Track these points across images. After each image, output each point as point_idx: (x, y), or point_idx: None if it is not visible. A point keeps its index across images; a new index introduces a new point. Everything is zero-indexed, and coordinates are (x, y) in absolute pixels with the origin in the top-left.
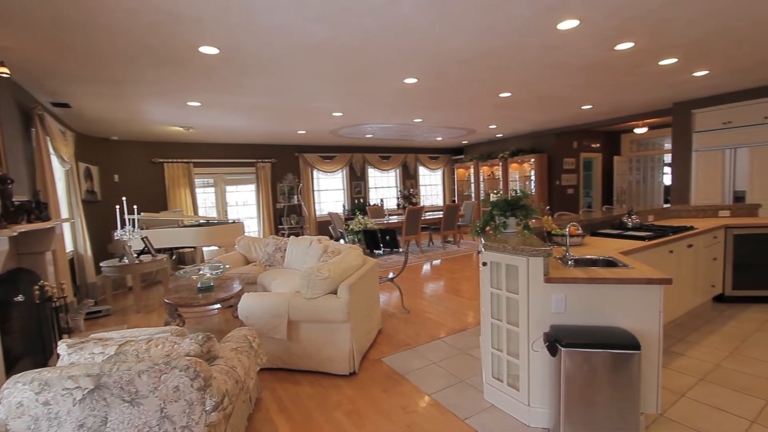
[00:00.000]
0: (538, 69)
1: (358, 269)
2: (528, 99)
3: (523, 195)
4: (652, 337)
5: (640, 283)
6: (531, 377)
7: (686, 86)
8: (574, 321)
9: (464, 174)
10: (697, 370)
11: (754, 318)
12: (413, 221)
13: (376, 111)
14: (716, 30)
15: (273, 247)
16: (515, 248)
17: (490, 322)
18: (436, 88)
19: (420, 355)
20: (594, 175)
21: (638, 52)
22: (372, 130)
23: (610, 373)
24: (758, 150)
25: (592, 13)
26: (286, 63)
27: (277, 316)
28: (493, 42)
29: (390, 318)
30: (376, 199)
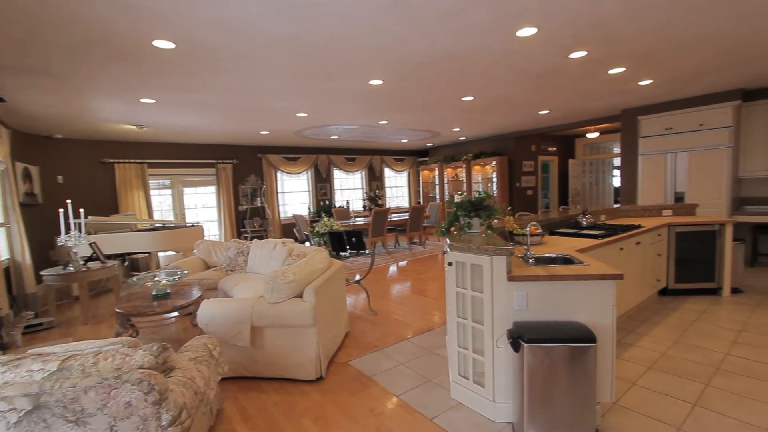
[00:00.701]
0: (498, 74)
1: (324, 272)
2: (489, 103)
3: (486, 196)
4: (607, 330)
5: (594, 279)
6: (496, 374)
7: (633, 94)
8: (536, 317)
9: (429, 176)
10: (646, 359)
11: (693, 309)
12: (379, 223)
13: (341, 112)
14: (659, 42)
15: (235, 251)
16: (479, 248)
17: (456, 321)
18: (401, 90)
19: (387, 356)
20: (551, 177)
21: (590, 60)
22: (337, 131)
23: (569, 366)
24: (695, 154)
25: (549, 22)
26: (247, 60)
27: (240, 323)
28: (456, 46)
29: (357, 320)
30: (341, 201)
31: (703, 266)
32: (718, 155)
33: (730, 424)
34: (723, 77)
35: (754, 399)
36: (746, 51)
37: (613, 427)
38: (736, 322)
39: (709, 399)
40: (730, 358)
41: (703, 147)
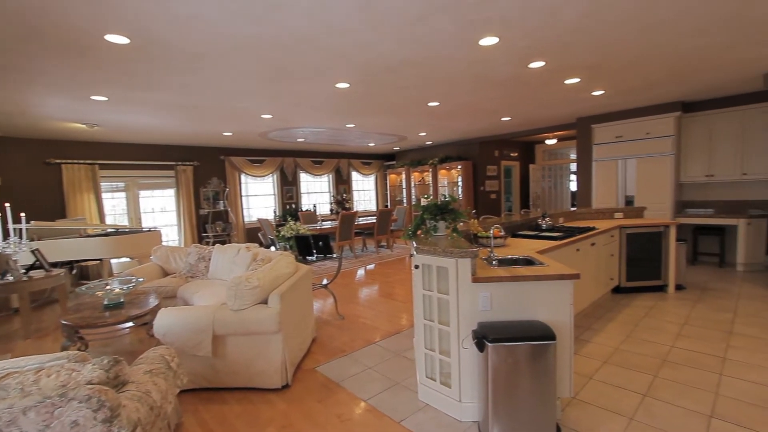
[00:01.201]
0: (463, 81)
1: (290, 277)
2: (454, 109)
3: (451, 200)
4: (565, 328)
5: (553, 279)
6: (462, 374)
7: (587, 103)
8: (499, 317)
9: (396, 179)
10: (601, 354)
11: (643, 305)
12: (347, 226)
13: (307, 114)
14: (610, 57)
15: (195, 257)
16: (445, 250)
17: (423, 323)
18: (368, 94)
19: (355, 361)
20: (513, 181)
21: (548, 70)
22: (304, 133)
23: (531, 364)
24: (643, 161)
25: (509, 32)
26: (208, 59)
27: (200, 332)
28: (422, 53)
29: (325, 325)
30: (308, 205)
31: (651, 265)
32: (663, 162)
33: (676, 412)
34: (666, 90)
35: (696, 387)
36: (685, 67)
37: (572, 420)
38: (680, 317)
39: (658, 389)
40: (675, 350)
41: (650, 154)
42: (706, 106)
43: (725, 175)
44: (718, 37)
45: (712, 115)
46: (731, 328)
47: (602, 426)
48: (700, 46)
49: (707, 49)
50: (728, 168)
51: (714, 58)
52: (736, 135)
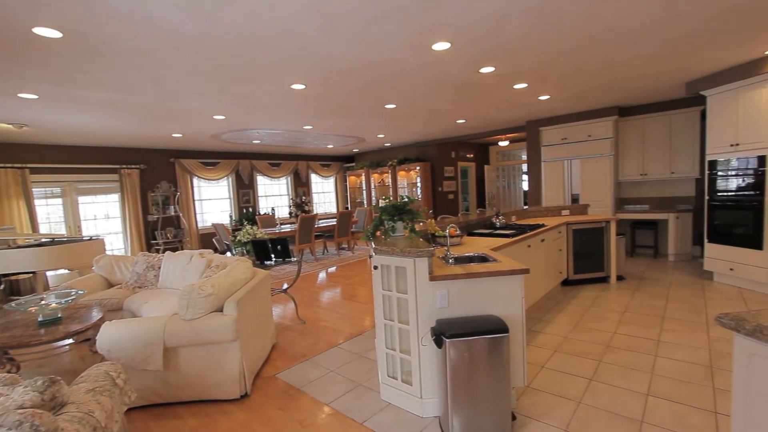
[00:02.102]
0: (418, 84)
1: (246, 283)
2: (411, 111)
3: (409, 200)
4: (518, 320)
5: (506, 275)
6: (422, 371)
7: (535, 107)
8: (457, 313)
9: (356, 181)
10: (552, 343)
11: (588, 296)
12: (306, 229)
13: (262, 116)
14: (553, 64)
15: (143, 266)
16: (403, 250)
17: (383, 323)
18: (324, 95)
19: (317, 365)
20: (469, 182)
21: (498, 75)
22: (259, 135)
23: (486, 356)
24: (586, 161)
25: (460, 38)
26: (151, 56)
27: (150, 344)
28: (375, 55)
29: (285, 331)
30: (266, 208)
31: (595, 258)
32: (603, 162)
33: (618, 392)
34: (604, 96)
35: (635, 369)
36: (620, 75)
37: (526, 408)
38: (621, 305)
39: (602, 373)
40: (617, 336)
41: (592, 155)
42: (639, 111)
43: (657, 173)
44: (647, 48)
45: (644, 119)
46: (664, 313)
47: (553, 411)
48: (632, 56)
49: (638, 59)
50: (659, 167)
51: (645, 67)
52: (665, 137)
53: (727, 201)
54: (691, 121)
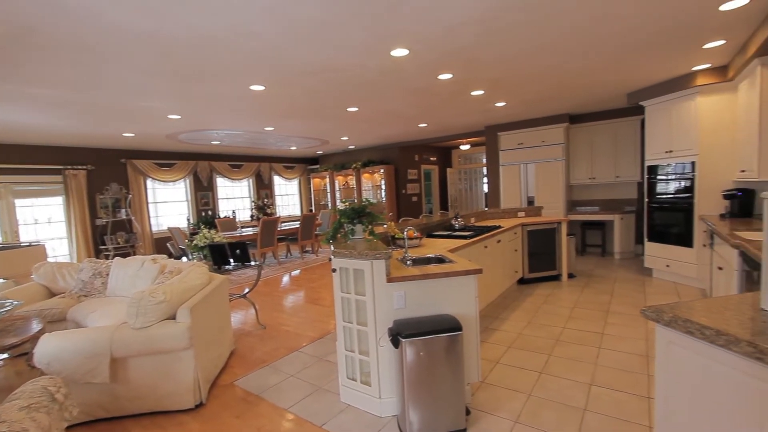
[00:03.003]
0: (379, 88)
1: (202, 288)
2: (374, 115)
3: (368, 203)
4: (472, 319)
5: (460, 275)
6: (381, 371)
7: (492, 113)
8: (413, 314)
9: (320, 183)
10: (507, 340)
11: (542, 294)
12: (269, 232)
13: (221, 116)
14: (507, 72)
15: (90, 273)
16: (360, 253)
17: (343, 325)
18: (285, 97)
19: (277, 370)
20: (433, 184)
21: (456, 82)
22: (219, 136)
23: (442, 354)
24: (540, 165)
25: (418, 45)
26: (99, 51)
27: (95, 356)
28: (335, 59)
29: (245, 337)
30: (227, 211)
31: (548, 258)
32: (556, 166)
33: (565, 383)
34: (556, 104)
35: (582, 361)
36: (569, 85)
37: (480, 402)
38: (571, 301)
39: (551, 366)
40: (567, 330)
41: (545, 159)
42: (587, 119)
43: (604, 177)
44: (592, 61)
45: (592, 126)
46: (609, 308)
47: (506, 404)
48: (579, 68)
49: (585, 70)
50: (606, 171)
51: (591, 78)
52: (611, 144)
53: (663, 203)
54: (633, 129)
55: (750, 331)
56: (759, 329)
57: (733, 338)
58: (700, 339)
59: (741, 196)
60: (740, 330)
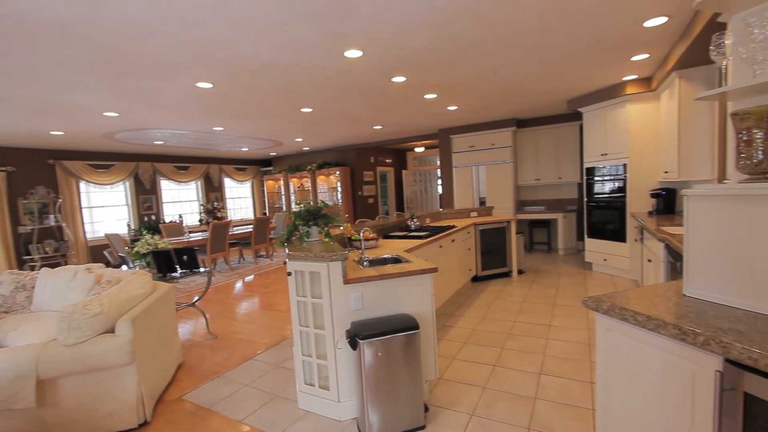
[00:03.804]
0: (333, 89)
1: (144, 298)
2: (328, 116)
3: (323, 204)
4: (428, 317)
5: (416, 274)
6: (339, 374)
7: (445, 116)
8: (371, 314)
9: (274, 186)
10: (462, 336)
11: (494, 290)
12: (219, 237)
13: (165, 115)
14: (457, 77)
15: (11, 286)
16: (316, 255)
17: (299, 330)
18: (235, 96)
19: (230, 381)
20: (389, 186)
21: (410, 85)
22: (162, 136)
23: (399, 354)
24: (491, 167)
25: (370, 47)
26: (18, 42)
27: (18, 379)
28: (287, 58)
29: (194, 348)
30: (173, 216)
31: (499, 255)
32: (505, 168)
33: (516, 374)
34: (503, 108)
35: (531, 352)
36: (515, 91)
37: (438, 398)
38: (520, 296)
39: (504, 359)
40: (517, 324)
41: (495, 161)
42: (533, 123)
43: (548, 179)
44: (535, 69)
45: (537, 130)
46: (555, 301)
47: (462, 398)
48: (524, 75)
49: (529, 77)
50: (550, 173)
51: (534, 85)
52: (554, 147)
53: (600, 202)
54: (573, 133)
55: (675, 315)
56: (682, 313)
57: (661, 322)
58: (634, 324)
59: (665, 194)
60: (667, 314)
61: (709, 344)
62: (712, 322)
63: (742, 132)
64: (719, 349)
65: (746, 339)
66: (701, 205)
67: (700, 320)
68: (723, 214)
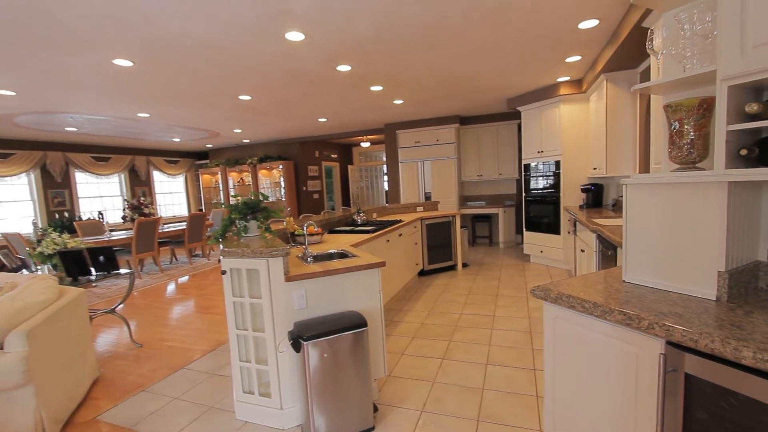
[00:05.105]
0: (274, 76)
1: (46, 306)
2: (269, 105)
3: (263, 197)
4: (376, 313)
5: (363, 269)
6: (282, 380)
7: (391, 110)
8: (316, 313)
9: (211, 180)
10: (410, 330)
11: (440, 283)
12: (147, 235)
13: (77, 96)
14: (403, 70)
15: None
16: (254, 251)
17: (236, 333)
18: (161, 78)
19: (157, 394)
20: (334, 181)
21: (355, 75)
22: (75, 121)
23: (347, 353)
24: (435, 163)
25: (313, 30)
26: None
27: None
28: (222, 37)
29: (115, 360)
30: (91, 212)
31: (445, 249)
32: (449, 164)
33: (463, 366)
34: (447, 105)
35: (477, 343)
36: (458, 87)
37: (387, 396)
38: (466, 289)
39: (452, 351)
40: (464, 316)
41: (440, 157)
42: (475, 121)
43: (489, 175)
44: (479, 66)
45: (479, 128)
46: (498, 292)
47: (412, 394)
48: (468, 71)
49: (473, 74)
50: (491, 169)
51: (478, 82)
52: (494, 144)
53: (536, 197)
54: (512, 131)
55: (618, 301)
56: (624, 299)
57: (607, 308)
58: (581, 312)
59: (593, 189)
60: (611, 301)
61: (652, 328)
62: (653, 306)
63: (674, 123)
64: (662, 333)
65: (685, 321)
66: (639, 194)
67: (642, 305)
68: (658, 201)
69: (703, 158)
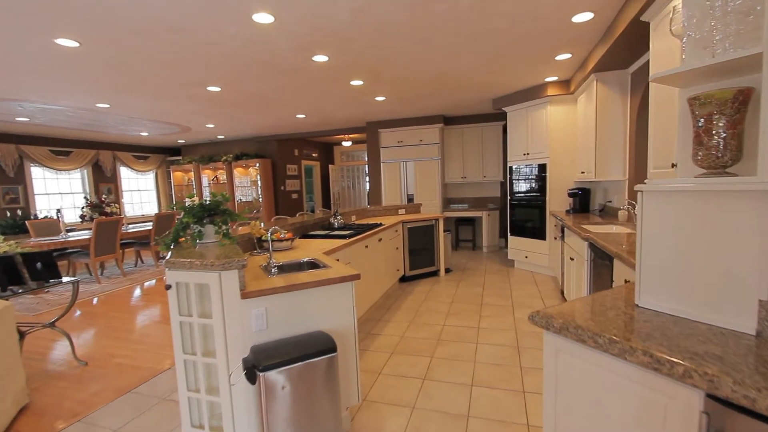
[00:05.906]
0: (244, 64)
1: None
2: (242, 98)
3: (223, 198)
4: (349, 333)
5: (334, 283)
6: (236, 413)
7: (373, 107)
8: (277, 335)
9: (183, 178)
10: (389, 345)
11: (422, 290)
12: (107, 236)
13: (23, 82)
14: (386, 62)
15: None
16: (203, 263)
17: (183, 358)
18: (116, 63)
19: (95, 425)
20: (315, 181)
21: (333, 67)
22: (27, 111)
23: (312, 383)
24: (419, 163)
25: (284, 12)
26: None
27: None
28: (181, 16)
29: (52, 381)
30: (48, 210)
31: (427, 254)
32: (432, 165)
33: (446, 387)
34: (432, 103)
35: (461, 360)
36: (443, 85)
37: (362, 425)
38: (449, 296)
39: (434, 370)
40: (447, 328)
41: (423, 158)
42: (460, 121)
43: (473, 177)
44: (465, 60)
45: (463, 128)
46: (482, 300)
47: (389, 423)
48: (454, 67)
49: (459, 70)
50: (475, 171)
51: (463, 79)
52: (479, 145)
53: (522, 200)
54: (497, 132)
55: (639, 335)
56: (645, 331)
57: (627, 347)
58: (593, 347)
59: (581, 194)
60: (629, 335)
61: (690, 377)
62: (682, 343)
63: (701, 119)
64: (703, 384)
65: (731, 368)
66: (657, 202)
67: (668, 341)
68: (681, 212)
69: (735, 161)
